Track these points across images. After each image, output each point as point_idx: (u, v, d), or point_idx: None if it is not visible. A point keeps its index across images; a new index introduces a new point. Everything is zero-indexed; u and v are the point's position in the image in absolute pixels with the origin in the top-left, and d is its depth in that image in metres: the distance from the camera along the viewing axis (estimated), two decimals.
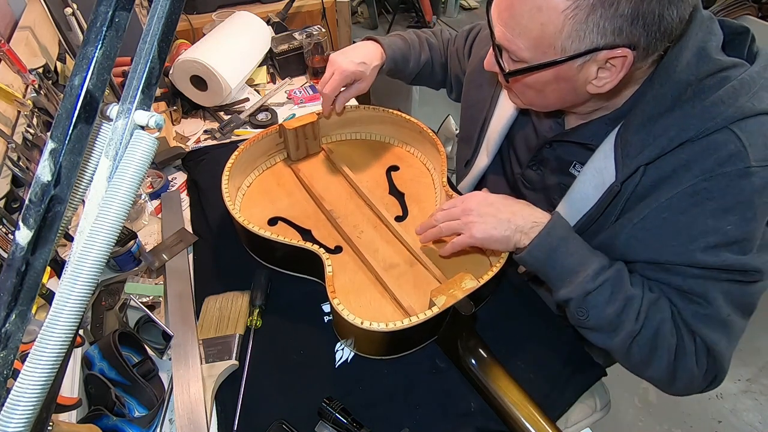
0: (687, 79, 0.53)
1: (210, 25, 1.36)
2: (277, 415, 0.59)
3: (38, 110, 0.81)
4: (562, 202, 0.66)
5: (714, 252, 0.53)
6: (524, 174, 0.76)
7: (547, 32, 0.49)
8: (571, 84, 0.54)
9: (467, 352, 0.61)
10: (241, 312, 0.69)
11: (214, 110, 1.15)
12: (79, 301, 0.28)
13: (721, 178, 0.51)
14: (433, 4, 3.57)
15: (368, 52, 0.85)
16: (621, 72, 0.50)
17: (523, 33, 0.51)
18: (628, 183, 0.57)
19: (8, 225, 0.65)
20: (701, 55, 0.53)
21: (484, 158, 0.82)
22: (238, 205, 0.83)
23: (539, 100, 0.61)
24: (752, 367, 1.55)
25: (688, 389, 0.59)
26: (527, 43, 0.51)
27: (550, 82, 0.55)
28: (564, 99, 0.59)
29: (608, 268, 0.58)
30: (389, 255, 0.75)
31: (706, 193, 0.52)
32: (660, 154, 0.54)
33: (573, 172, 0.67)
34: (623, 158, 0.57)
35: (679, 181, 0.54)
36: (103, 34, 0.28)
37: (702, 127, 0.52)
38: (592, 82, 0.53)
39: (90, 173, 0.32)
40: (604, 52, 0.49)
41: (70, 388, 0.60)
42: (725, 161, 0.51)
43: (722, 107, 0.51)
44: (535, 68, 0.53)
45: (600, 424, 0.64)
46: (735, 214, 0.52)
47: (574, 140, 0.66)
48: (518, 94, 0.63)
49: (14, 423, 0.26)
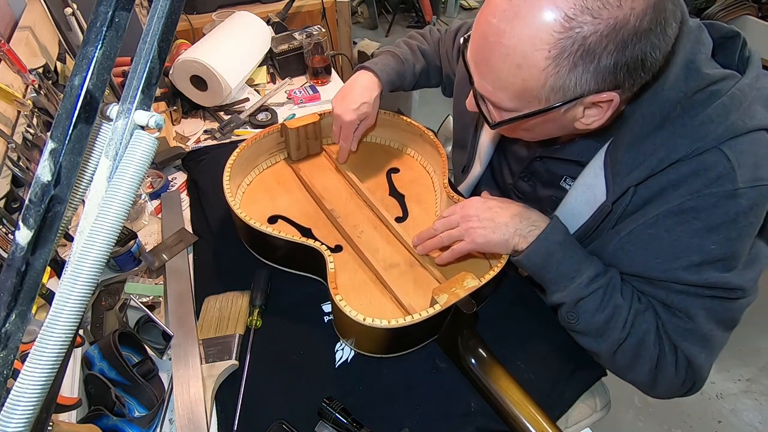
0: (675, 96, 0.52)
1: (210, 25, 1.36)
2: (277, 415, 0.59)
3: (38, 110, 0.81)
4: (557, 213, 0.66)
5: (697, 270, 0.54)
6: (516, 185, 0.76)
7: (530, 87, 0.48)
8: (559, 123, 0.54)
9: (467, 351, 0.61)
10: (241, 312, 0.69)
11: (214, 110, 1.15)
12: (79, 301, 0.28)
13: (708, 198, 0.51)
14: (433, 4, 3.58)
15: (364, 89, 0.84)
16: (608, 111, 0.50)
17: (504, 87, 0.50)
18: (619, 203, 0.57)
19: (8, 225, 0.65)
20: (689, 69, 0.52)
21: (478, 167, 0.82)
22: (239, 202, 0.83)
23: (529, 136, 0.61)
24: (752, 367, 1.55)
25: (668, 394, 0.61)
26: (509, 95, 0.51)
27: (538, 124, 0.55)
28: (552, 134, 0.59)
29: (602, 275, 0.59)
30: (389, 255, 0.75)
31: (692, 212, 0.52)
32: (650, 175, 0.54)
33: (564, 185, 0.68)
34: (613, 177, 0.57)
35: (666, 199, 0.54)
36: (103, 34, 0.28)
37: (691, 147, 0.51)
38: (580, 120, 0.53)
39: (90, 173, 0.32)
40: (590, 97, 0.48)
41: (70, 388, 0.60)
42: (713, 183, 0.51)
43: (711, 126, 0.50)
44: (521, 118, 0.52)
45: (600, 424, 0.64)
46: (719, 234, 0.52)
47: (563, 157, 0.66)
48: (505, 133, 0.63)
49: (14, 423, 0.26)
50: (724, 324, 0.57)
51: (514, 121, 0.53)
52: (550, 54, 0.44)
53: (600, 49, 0.44)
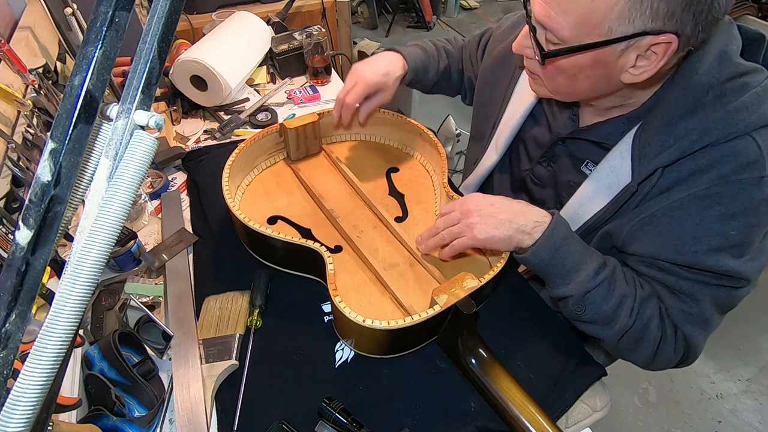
0: (708, 81, 0.53)
1: (210, 25, 1.36)
2: (277, 415, 0.59)
3: (38, 110, 0.81)
4: (573, 199, 0.66)
5: (714, 255, 0.55)
6: (533, 170, 0.76)
7: (597, 10, 0.46)
8: (608, 70, 0.53)
9: (468, 351, 0.61)
10: (241, 312, 0.69)
11: (214, 110, 1.15)
12: (79, 301, 0.28)
13: (735, 185, 0.52)
14: (433, 4, 3.58)
15: (390, 63, 0.84)
16: (662, 60, 0.49)
17: (568, 10, 0.48)
18: (645, 184, 0.58)
19: (8, 225, 0.65)
20: (723, 58, 0.53)
21: (493, 155, 0.81)
22: (238, 203, 0.83)
23: (568, 86, 0.59)
24: (752, 367, 1.55)
25: (662, 367, 0.65)
26: (571, 21, 0.48)
27: (586, 66, 0.53)
28: (594, 87, 0.57)
29: (605, 266, 0.60)
30: (389, 255, 0.75)
31: (717, 197, 0.53)
32: (680, 157, 0.54)
33: (584, 170, 0.67)
34: (640, 159, 0.57)
35: (694, 183, 0.54)
36: (103, 34, 0.28)
37: (725, 132, 0.52)
38: (629, 70, 0.51)
39: (90, 173, 0.32)
40: (650, 38, 0.47)
41: (70, 388, 0.60)
42: (742, 169, 0.52)
43: (746, 113, 0.51)
44: (576, 49, 0.50)
45: (600, 424, 0.64)
46: (740, 220, 0.53)
47: (589, 138, 0.66)
48: (547, 79, 0.60)
49: (14, 423, 0.26)
50: (723, 310, 0.59)
51: (569, 53, 0.51)
52: None
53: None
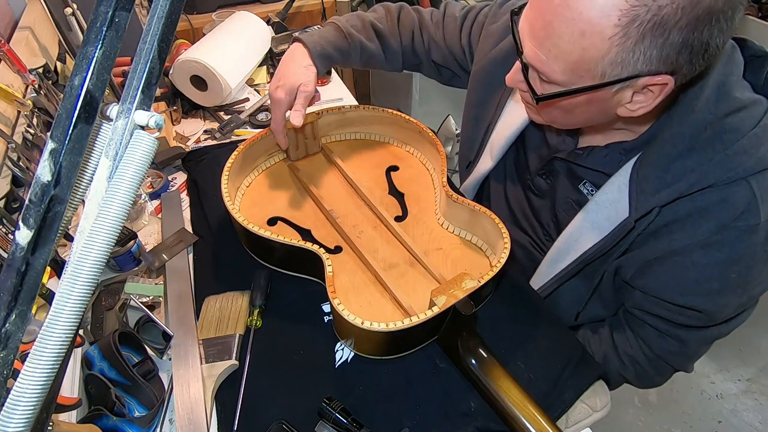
0: (705, 118, 0.52)
1: (210, 25, 1.36)
2: (277, 415, 0.59)
3: (38, 110, 0.81)
4: (570, 228, 0.66)
5: (714, 297, 0.58)
6: (533, 180, 0.75)
7: (588, 57, 0.45)
8: (604, 106, 0.52)
9: (467, 352, 0.61)
10: (241, 312, 0.69)
11: (214, 110, 1.15)
12: (79, 301, 0.28)
13: (733, 231, 0.53)
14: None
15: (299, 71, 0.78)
16: (658, 98, 0.48)
17: (559, 56, 0.47)
18: (642, 221, 0.58)
19: (8, 225, 0.65)
20: (720, 91, 0.52)
21: (488, 161, 0.80)
22: (238, 205, 0.83)
23: (564, 119, 0.58)
24: (752, 367, 1.55)
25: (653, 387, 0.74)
26: (563, 66, 0.48)
27: (581, 104, 0.53)
28: (591, 120, 0.57)
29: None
30: (389, 255, 0.75)
31: (717, 245, 0.55)
32: (677, 198, 0.55)
33: (582, 189, 0.67)
34: (638, 194, 0.57)
35: (693, 228, 0.55)
36: (103, 34, 0.28)
37: (723, 176, 0.52)
38: (625, 105, 0.51)
39: (90, 173, 0.32)
40: (645, 78, 0.46)
41: (70, 388, 0.60)
42: (738, 216, 0.52)
43: (744, 157, 0.51)
44: (569, 93, 0.50)
45: (600, 424, 0.64)
46: (740, 264, 0.55)
47: (586, 165, 0.65)
48: (542, 113, 0.59)
49: (14, 423, 0.26)
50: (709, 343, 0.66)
51: (561, 96, 0.51)
52: (620, 21, 0.42)
53: (672, 23, 0.41)
